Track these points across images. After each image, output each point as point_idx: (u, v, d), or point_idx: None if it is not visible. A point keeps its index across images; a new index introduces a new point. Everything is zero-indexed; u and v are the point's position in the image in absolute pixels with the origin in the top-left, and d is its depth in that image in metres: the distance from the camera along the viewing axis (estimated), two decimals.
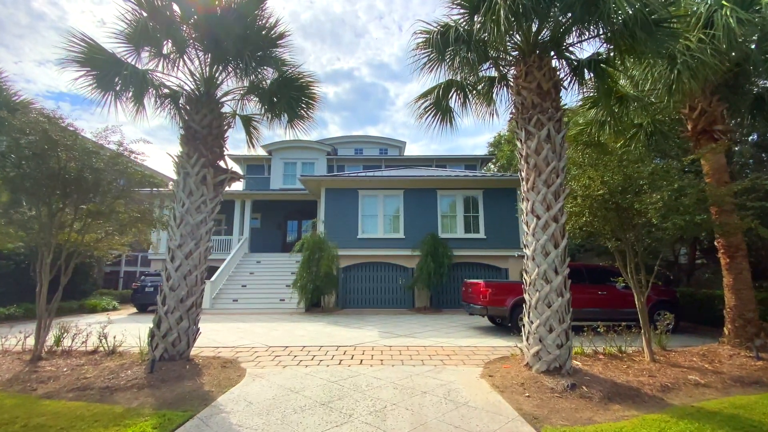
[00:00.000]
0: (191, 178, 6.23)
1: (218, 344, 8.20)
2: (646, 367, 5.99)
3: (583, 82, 6.82)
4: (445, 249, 14.75)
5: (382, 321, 11.77)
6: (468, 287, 10.36)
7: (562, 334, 5.28)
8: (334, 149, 23.88)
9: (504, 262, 15.88)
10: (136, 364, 6.04)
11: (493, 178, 16.57)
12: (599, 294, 9.63)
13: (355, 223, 16.19)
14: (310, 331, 9.75)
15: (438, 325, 10.79)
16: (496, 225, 16.00)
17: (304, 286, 13.73)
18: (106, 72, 5.83)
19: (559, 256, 5.39)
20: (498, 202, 16.18)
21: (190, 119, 6.42)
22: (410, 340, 8.54)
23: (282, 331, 9.80)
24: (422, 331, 9.69)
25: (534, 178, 5.58)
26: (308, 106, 7.39)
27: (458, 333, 9.50)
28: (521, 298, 9.58)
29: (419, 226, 15.92)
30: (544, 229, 5.46)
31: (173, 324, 5.97)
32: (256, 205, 21.34)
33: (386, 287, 16.00)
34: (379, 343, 8.11)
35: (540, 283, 5.37)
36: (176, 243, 6.14)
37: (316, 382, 5.35)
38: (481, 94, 7.21)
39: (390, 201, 16.50)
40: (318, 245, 14.10)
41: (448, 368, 6.15)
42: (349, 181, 16.44)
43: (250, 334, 9.43)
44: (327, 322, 11.48)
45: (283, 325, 10.88)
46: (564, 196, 5.57)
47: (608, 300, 9.61)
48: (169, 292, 6.06)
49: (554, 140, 5.60)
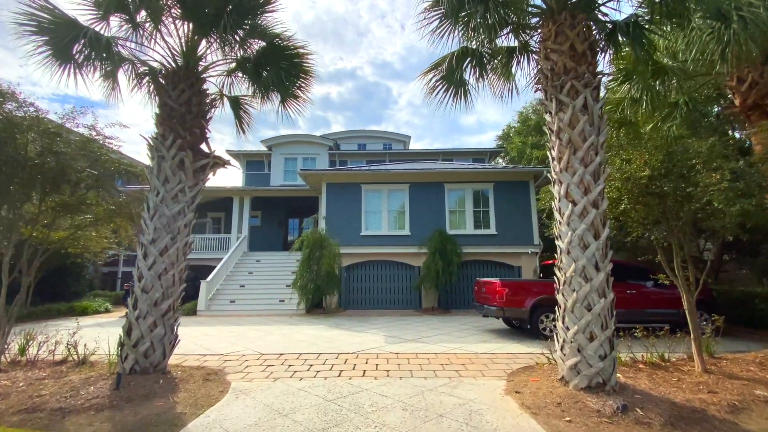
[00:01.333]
0: (166, 162, 5.39)
1: (206, 351, 7.37)
2: (701, 380, 5.07)
3: (618, 49, 5.91)
4: (454, 246, 13.85)
5: (388, 323, 10.90)
6: (481, 287, 9.46)
7: (605, 343, 4.38)
8: (337, 144, 23.04)
9: (516, 259, 14.94)
10: (104, 377, 5.22)
11: (505, 170, 15.62)
12: (627, 293, 8.69)
13: (358, 219, 15.33)
14: (309, 336, 8.90)
15: (448, 328, 9.90)
16: (508, 220, 15.07)
17: (304, 286, 12.89)
18: (63, 37, 4.99)
19: (601, 249, 4.49)
20: (509, 195, 15.24)
21: (165, 95, 5.58)
22: (419, 345, 7.66)
23: (278, 336, 8.96)
24: (431, 335, 8.81)
25: (568, 156, 4.68)
26: (302, 82, 6.52)
27: (471, 337, 8.61)
28: (542, 299, 8.72)
29: (426, 223, 15.03)
30: (582, 216, 4.56)
31: (145, 331, 5.14)
32: (256, 203, 20.56)
33: (391, 287, 15.13)
34: (384, 350, 7.24)
35: (577, 282, 4.47)
36: (149, 237, 5.31)
37: (310, 401, 4.49)
38: (500, 65, 6.30)
39: (395, 196, 15.62)
40: (319, 243, 13.25)
41: (466, 381, 5.27)
42: (351, 175, 15.58)
43: (243, 338, 8.60)
44: (328, 325, 10.63)
45: (280, 329, 10.05)
46: (604, 176, 4.67)
47: (636, 300, 8.68)
48: (141, 295, 5.22)
49: (592, 111, 4.69)
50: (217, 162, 5.89)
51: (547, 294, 8.44)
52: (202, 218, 22.22)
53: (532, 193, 15.25)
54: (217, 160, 5.87)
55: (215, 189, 18.29)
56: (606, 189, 5.81)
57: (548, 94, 5.02)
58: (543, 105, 5.23)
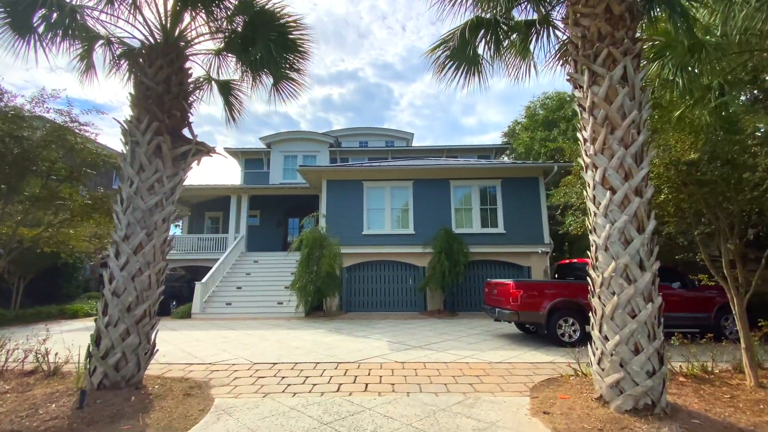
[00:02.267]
0: (141, 148, 4.74)
1: (194, 359, 6.72)
2: (758, 397, 4.37)
3: (653, 22, 5.24)
4: (461, 245, 13.15)
5: (391, 327, 10.22)
6: (492, 288, 8.77)
7: (653, 357, 3.70)
8: (338, 141, 22.40)
9: (526, 259, 14.23)
10: (70, 392, 4.57)
11: (513, 166, 14.92)
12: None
13: (360, 217, 14.67)
14: (306, 342, 8.24)
15: (456, 333, 9.21)
16: (517, 218, 14.36)
17: (303, 287, 12.23)
18: (20, 2, 4.35)
19: (646, 245, 3.80)
20: (518, 192, 14.53)
21: (141, 73, 4.94)
22: (427, 353, 6.98)
23: (274, 341, 8.30)
24: (439, 341, 8.12)
25: (604, 136, 3.99)
26: (296, 60, 5.87)
27: (483, 343, 7.92)
28: (560, 302, 8.01)
29: (431, 221, 14.35)
30: (623, 206, 3.87)
31: (116, 340, 4.49)
32: (255, 202, 19.93)
33: (395, 288, 14.46)
34: (388, 359, 6.56)
35: (619, 284, 3.78)
36: (121, 234, 4.66)
37: (303, 425, 3.81)
38: (518, 40, 5.62)
39: (398, 193, 14.95)
40: (319, 242, 12.59)
41: (483, 398, 4.58)
42: (352, 171, 14.92)
43: (236, 345, 7.95)
44: (328, 329, 9.97)
45: (277, 333, 9.39)
46: (648, 159, 3.98)
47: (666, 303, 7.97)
48: (112, 299, 4.57)
49: (633, 82, 4.01)
50: (200, 149, 5.23)
51: (565, 296, 7.76)
52: (199, 218, 21.65)
53: (542, 189, 14.55)
54: (200, 146, 5.21)
55: (212, 187, 17.69)
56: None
57: (578, 65, 4.33)
58: (571, 80, 4.55)
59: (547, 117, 17.99)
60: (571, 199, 8.91)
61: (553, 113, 18.04)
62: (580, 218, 9.56)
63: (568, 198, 9.11)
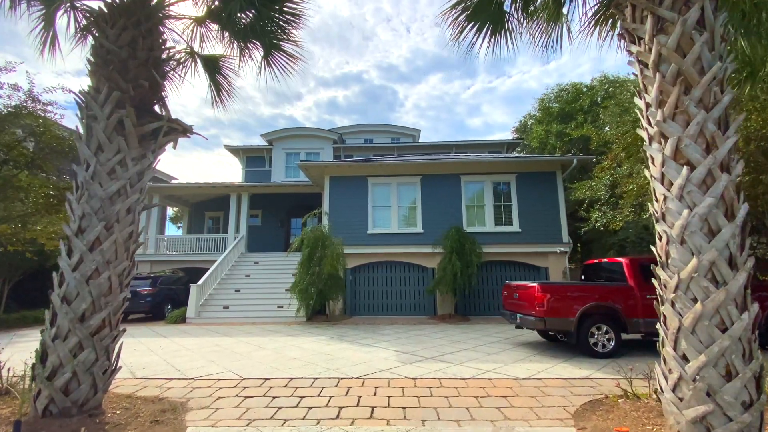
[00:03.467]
0: (99, 123, 3.93)
1: (175, 373, 5.90)
2: None
3: None
4: (473, 245, 12.24)
5: (399, 334, 9.34)
6: (513, 292, 7.85)
7: (750, 383, 2.79)
8: (342, 138, 21.59)
9: (543, 259, 13.28)
10: (10, 420, 3.76)
11: (529, 160, 13.96)
12: None
13: (365, 216, 13.82)
14: (306, 351, 7.39)
15: (472, 341, 8.32)
16: (533, 216, 13.42)
17: (304, 290, 11.39)
18: None
19: (737, 236, 2.90)
20: (534, 188, 13.59)
21: (101, 36, 4.14)
22: (441, 366, 6.10)
23: (270, 351, 7.46)
24: (454, 351, 7.23)
25: (677, 96, 3.10)
26: (289, 26, 5.04)
27: (504, 353, 7.01)
28: (592, 306, 7.07)
29: (440, 219, 13.46)
30: (704, 185, 2.97)
31: (65, 357, 3.67)
32: (256, 201, 19.20)
33: (402, 291, 13.58)
34: (397, 373, 5.68)
35: (703, 287, 2.88)
36: (74, 227, 3.85)
37: None
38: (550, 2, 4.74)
39: (405, 190, 14.09)
40: (321, 241, 11.75)
41: (518, 429, 3.69)
42: (357, 167, 14.08)
43: (227, 355, 7.12)
44: (330, 336, 9.11)
45: (275, 341, 8.56)
46: (737, 125, 3.08)
47: None
48: (61, 306, 3.76)
49: (712, 28, 3.12)
50: (174, 127, 4.41)
51: (598, 300, 6.84)
52: (199, 218, 20.95)
53: (560, 185, 13.58)
54: (174, 124, 4.39)
55: (210, 186, 16.97)
56: None
57: (637, 11, 3.44)
58: (625, 33, 3.65)
59: (563, 109, 17.02)
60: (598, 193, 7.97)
61: (568, 105, 17.06)
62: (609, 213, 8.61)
63: (595, 191, 8.17)
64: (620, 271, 7.36)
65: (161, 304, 13.46)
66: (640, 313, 6.81)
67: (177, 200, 19.96)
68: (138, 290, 12.87)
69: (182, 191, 18.06)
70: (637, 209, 7.92)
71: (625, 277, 7.15)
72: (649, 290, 6.93)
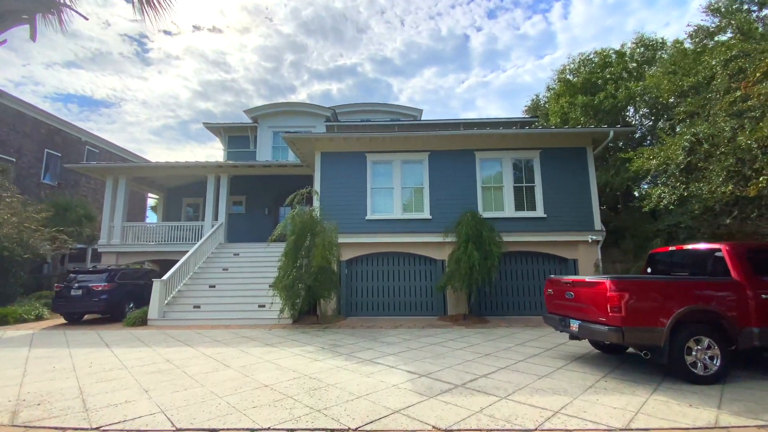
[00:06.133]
0: None
1: (78, 417, 3.83)
2: None
3: None
4: (492, 233, 10.23)
5: (408, 343, 7.34)
6: (564, 289, 5.85)
7: None
8: (336, 116, 19.40)
9: (571, 250, 11.34)
10: None
11: (557, 132, 11.89)
12: None
13: (363, 199, 11.77)
14: (283, 373, 5.34)
15: (505, 353, 6.34)
16: (560, 199, 11.45)
17: (289, 286, 9.32)
18: None
19: None
20: (561, 166, 11.62)
21: None
22: (481, 401, 4.08)
23: (235, 371, 5.42)
24: (490, 372, 5.23)
25: None
26: None
27: (560, 375, 5.03)
28: (688, 312, 4.97)
29: (451, 203, 11.45)
30: None
31: None
32: (239, 186, 17.03)
33: (406, 287, 11.58)
34: (419, 418, 3.66)
35: None
36: None
37: None
38: None
39: (410, 169, 12.03)
40: (309, 227, 9.67)
41: None
42: (353, 141, 11.96)
43: (172, 379, 5.06)
44: (320, 346, 7.08)
45: (246, 354, 6.51)
46: None
47: None
48: None
49: None
50: None
51: (695, 303, 4.85)
52: (176, 205, 18.74)
53: (591, 163, 11.63)
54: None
55: (183, 165, 14.71)
56: None
57: None
58: None
59: (589, 79, 14.98)
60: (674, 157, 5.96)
61: (594, 74, 14.98)
62: (681, 188, 6.61)
63: (665, 159, 6.15)
64: (716, 261, 5.39)
65: (121, 303, 11.33)
66: (754, 319, 4.85)
67: (150, 184, 17.72)
68: (90, 286, 10.73)
69: (153, 172, 15.80)
70: (736, 177, 5.99)
71: (727, 269, 5.18)
72: (764, 287, 4.97)
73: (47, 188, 19.28)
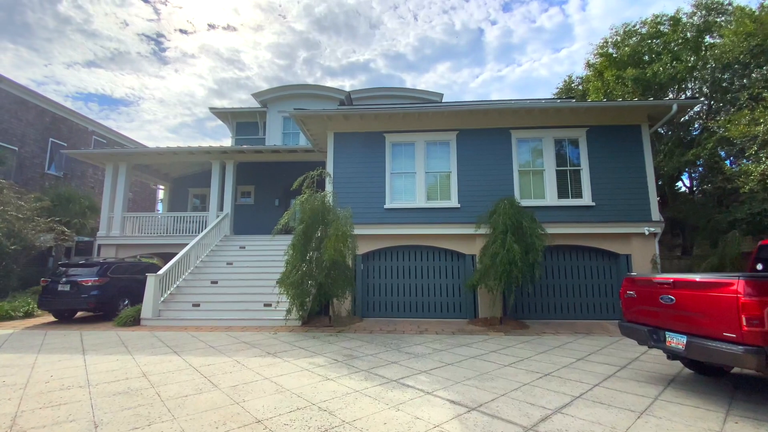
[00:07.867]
0: None
1: None
2: None
3: None
4: (533, 223, 8.71)
5: (440, 355, 5.95)
6: (657, 291, 4.36)
7: None
8: (350, 100, 18.05)
9: (623, 244, 9.74)
10: None
11: (609, 106, 10.18)
12: None
13: (381, 185, 10.40)
14: (283, 399, 4.03)
15: (569, 372, 4.90)
16: (611, 185, 9.85)
17: (297, 283, 8.05)
18: None
19: None
20: (613, 147, 10.00)
21: None
22: None
23: (221, 395, 4.13)
24: (563, 405, 3.81)
25: None
26: None
27: (667, 412, 3.58)
28: None
29: (483, 190, 9.99)
30: None
31: None
32: (248, 175, 15.92)
33: (430, 285, 10.18)
34: None
35: None
36: None
37: None
38: None
39: (435, 151, 10.58)
40: (320, 215, 8.36)
41: None
42: (370, 118, 10.57)
43: (139, 404, 3.80)
44: (331, 359, 5.76)
45: (240, 368, 5.24)
46: None
47: None
48: None
49: None
50: None
51: None
52: (182, 195, 17.73)
53: (647, 142, 9.97)
54: None
55: (186, 150, 13.56)
56: None
57: None
58: None
59: (637, 50, 13.20)
60: None
61: (645, 45, 13.14)
62: None
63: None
64: None
65: (114, 299, 10.24)
66: None
67: (154, 173, 16.73)
68: (79, 281, 9.66)
69: (154, 159, 14.76)
70: None
71: None
72: None
73: (52, 179, 18.51)
